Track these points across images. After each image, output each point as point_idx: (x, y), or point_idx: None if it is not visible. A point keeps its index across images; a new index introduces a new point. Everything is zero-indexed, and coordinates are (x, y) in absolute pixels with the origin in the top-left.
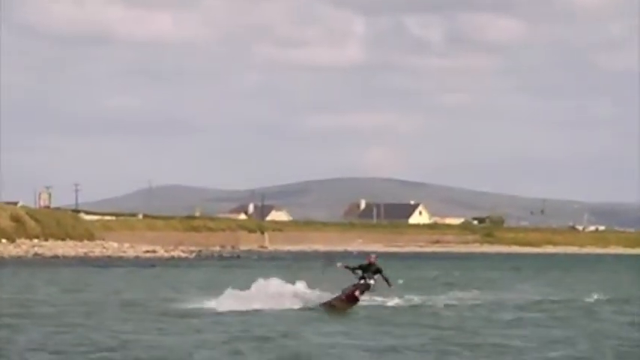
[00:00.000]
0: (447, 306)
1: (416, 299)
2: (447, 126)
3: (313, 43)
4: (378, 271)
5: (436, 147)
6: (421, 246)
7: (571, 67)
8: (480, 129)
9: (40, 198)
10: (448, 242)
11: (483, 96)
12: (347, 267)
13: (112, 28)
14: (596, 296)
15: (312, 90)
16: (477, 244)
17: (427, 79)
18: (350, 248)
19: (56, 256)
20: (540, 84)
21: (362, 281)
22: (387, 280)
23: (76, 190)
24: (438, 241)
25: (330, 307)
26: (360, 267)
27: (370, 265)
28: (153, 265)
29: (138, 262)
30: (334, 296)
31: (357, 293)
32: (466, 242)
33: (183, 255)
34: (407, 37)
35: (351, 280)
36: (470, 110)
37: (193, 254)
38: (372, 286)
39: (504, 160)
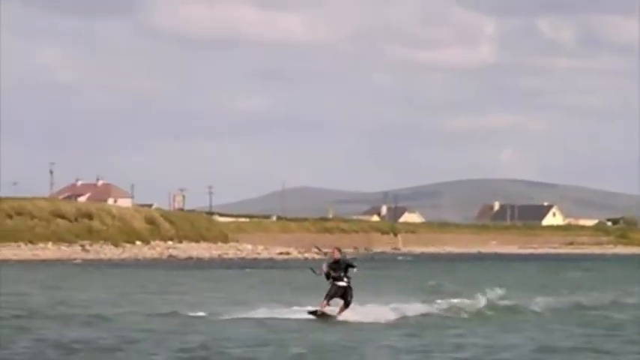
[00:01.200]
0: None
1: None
2: (578, 126)
3: (444, 44)
4: (349, 266)
5: (567, 147)
6: (555, 247)
7: None
8: (611, 129)
9: (174, 200)
10: (582, 243)
11: (614, 96)
12: (326, 274)
13: (241, 29)
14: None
15: (442, 91)
16: (611, 246)
17: (558, 80)
18: (484, 250)
19: (190, 258)
20: None
21: (333, 284)
22: (351, 265)
23: (210, 193)
24: (572, 243)
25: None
26: (330, 267)
27: (336, 262)
28: (246, 267)
29: (254, 264)
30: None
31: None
32: (600, 243)
33: (316, 257)
34: (538, 38)
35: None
36: (601, 110)
37: (326, 256)
38: (346, 289)
39: (637, 160)
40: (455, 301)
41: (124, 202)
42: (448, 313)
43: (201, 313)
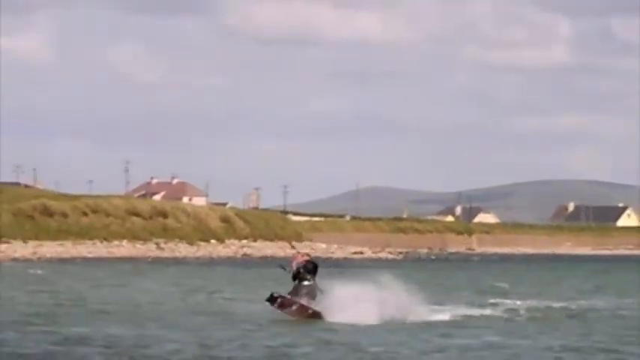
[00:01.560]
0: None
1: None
2: None
3: (519, 45)
4: (316, 268)
5: None
6: (630, 249)
7: None
8: None
9: (248, 199)
10: None
11: None
12: (294, 273)
13: (317, 28)
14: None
15: (518, 92)
16: None
17: (633, 81)
18: (558, 251)
19: (264, 257)
20: None
21: (299, 284)
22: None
23: (285, 192)
24: None
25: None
26: (299, 268)
27: (306, 264)
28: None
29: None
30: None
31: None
32: None
33: (390, 257)
34: (612, 38)
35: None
36: None
37: (400, 256)
38: (311, 287)
39: None
40: (507, 301)
41: (199, 201)
42: (499, 314)
43: (247, 310)
